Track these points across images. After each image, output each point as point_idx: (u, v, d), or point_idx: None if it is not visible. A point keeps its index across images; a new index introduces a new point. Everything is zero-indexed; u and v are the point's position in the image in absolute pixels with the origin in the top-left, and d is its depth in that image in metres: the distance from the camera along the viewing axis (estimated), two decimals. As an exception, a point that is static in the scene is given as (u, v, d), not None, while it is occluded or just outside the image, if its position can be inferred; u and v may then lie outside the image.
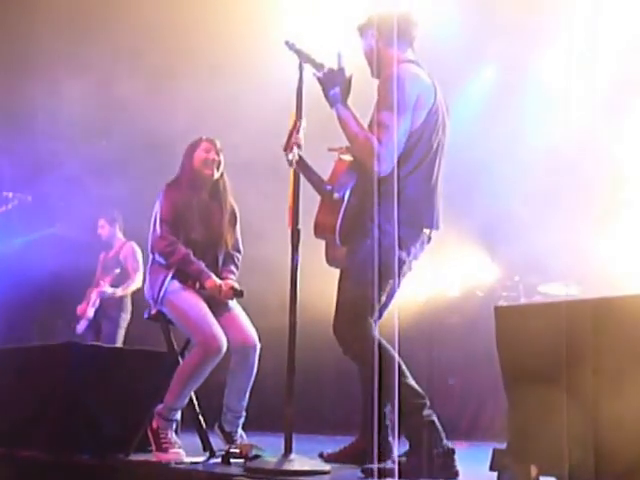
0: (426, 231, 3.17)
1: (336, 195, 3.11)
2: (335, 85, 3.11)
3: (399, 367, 2.93)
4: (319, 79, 3.14)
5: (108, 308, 6.13)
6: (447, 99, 3.38)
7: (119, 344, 6.03)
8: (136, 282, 6.19)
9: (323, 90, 3.14)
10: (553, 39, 6.92)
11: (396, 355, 2.95)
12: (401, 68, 3.14)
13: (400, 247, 3.04)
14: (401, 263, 3.07)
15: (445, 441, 2.94)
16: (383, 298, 3.09)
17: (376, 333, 3.01)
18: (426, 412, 2.95)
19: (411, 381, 2.97)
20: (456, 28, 6.67)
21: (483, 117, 7.14)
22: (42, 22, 6.16)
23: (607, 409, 2.28)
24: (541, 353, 2.47)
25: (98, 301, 6.07)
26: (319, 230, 3.17)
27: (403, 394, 2.90)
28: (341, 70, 3.12)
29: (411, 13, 3.31)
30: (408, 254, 3.12)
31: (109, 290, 6.08)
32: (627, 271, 5.58)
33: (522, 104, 6.82)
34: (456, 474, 2.91)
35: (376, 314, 3.05)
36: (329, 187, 3.15)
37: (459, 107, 7.34)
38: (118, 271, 6.11)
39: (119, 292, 6.14)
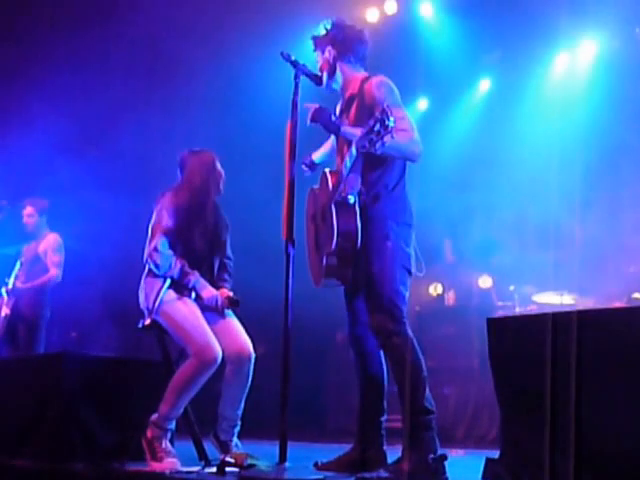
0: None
1: (351, 198, 3.15)
2: (330, 113, 3.21)
3: (422, 371, 3.12)
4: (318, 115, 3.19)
5: (22, 308, 5.59)
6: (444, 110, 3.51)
7: (39, 346, 5.58)
8: (55, 277, 5.68)
9: (323, 123, 3.20)
10: (547, 53, 7.01)
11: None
12: (384, 78, 3.30)
13: (408, 245, 3.23)
14: (411, 258, 3.24)
15: (439, 449, 2.98)
16: (407, 294, 3.21)
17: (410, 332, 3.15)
18: (431, 417, 3.06)
19: (427, 384, 3.12)
20: (453, 40, 6.75)
21: (479, 129, 7.20)
22: (38, 27, 6.19)
23: (600, 421, 2.29)
24: (534, 364, 2.48)
25: (11, 301, 5.54)
26: (343, 238, 3.13)
27: (420, 394, 3.06)
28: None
29: (363, 33, 3.46)
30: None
31: (19, 286, 5.53)
32: (618, 280, 5.63)
33: (518, 115, 6.89)
34: None
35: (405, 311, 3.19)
36: (340, 196, 3.16)
37: (456, 119, 7.44)
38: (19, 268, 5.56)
39: (29, 287, 5.59)
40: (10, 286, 5.60)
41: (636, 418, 2.20)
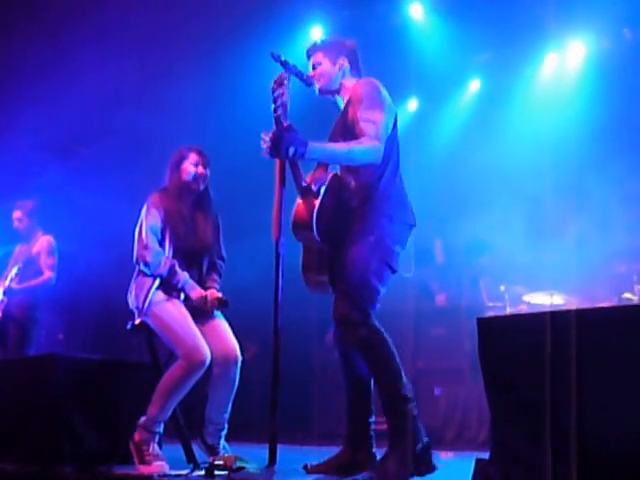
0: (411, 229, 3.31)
1: (314, 187, 3.16)
2: (291, 142, 3.01)
3: (394, 360, 3.05)
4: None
5: (13, 309, 5.55)
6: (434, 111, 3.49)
7: (29, 348, 5.57)
8: (49, 279, 5.65)
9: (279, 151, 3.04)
10: (536, 54, 7.03)
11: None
12: (372, 79, 3.30)
13: (396, 242, 3.18)
14: (397, 257, 3.19)
15: (424, 436, 2.99)
16: (383, 290, 3.16)
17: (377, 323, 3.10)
18: (412, 405, 3.03)
19: (402, 373, 3.06)
20: (443, 41, 6.76)
21: (469, 129, 7.21)
22: (24, 25, 6.15)
23: (591, 420, 2.28)
24: (524, 364, 2.47)
25: (3, 302, 5.50)
26: (298, 227, 3.14)
27: (397, 383, 3.02)
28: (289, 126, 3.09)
29: (356, 44, 3.48)
30: (402, 248, 3.24)
31: (13, 287, 5.49)
32: (608, 280, 5.64)
33: (508, 116, 6.91)
34: (434, 468, 2.95)
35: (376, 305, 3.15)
36: (305, 184, 3.19)
37: (446, 119, 7.46)
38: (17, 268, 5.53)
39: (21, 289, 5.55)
40: (2, 287, 5.56)
41: (636, 419, 2.19)
